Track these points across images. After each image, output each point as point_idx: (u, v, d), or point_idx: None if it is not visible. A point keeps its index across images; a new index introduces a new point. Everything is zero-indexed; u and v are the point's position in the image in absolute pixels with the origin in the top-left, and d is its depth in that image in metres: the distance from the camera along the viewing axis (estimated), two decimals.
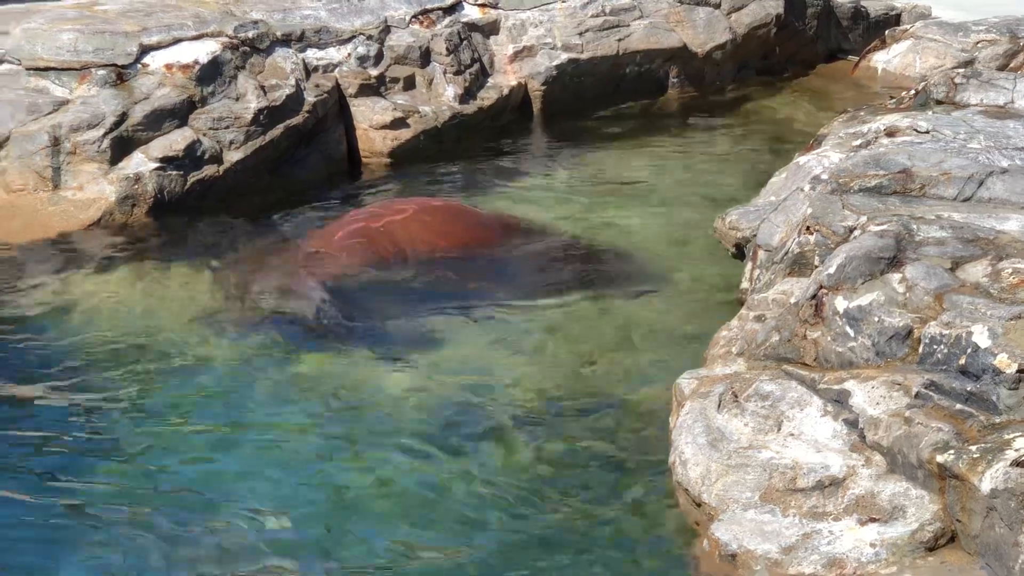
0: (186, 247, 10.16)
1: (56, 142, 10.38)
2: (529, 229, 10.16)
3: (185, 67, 10.97)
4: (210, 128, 10.80)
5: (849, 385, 6.38)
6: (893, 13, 14.64)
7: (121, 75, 10.85)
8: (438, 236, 9.77)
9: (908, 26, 13.74)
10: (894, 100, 9.92)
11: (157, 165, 10.47)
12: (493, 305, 9.01)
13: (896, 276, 6.70)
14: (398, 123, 11.83)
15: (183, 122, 10.79)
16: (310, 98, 11.42)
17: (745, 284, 8.34)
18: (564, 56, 12.85)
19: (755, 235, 8.34)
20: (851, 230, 7.34)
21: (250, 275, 9.56)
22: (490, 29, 12.80)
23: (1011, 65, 11.05)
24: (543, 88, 12.77)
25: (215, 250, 10.13)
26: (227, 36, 11.34)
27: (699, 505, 6.39)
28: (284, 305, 9.10)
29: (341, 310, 8.98)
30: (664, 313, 8.91)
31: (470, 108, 12.27)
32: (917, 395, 6.12)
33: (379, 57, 12.05)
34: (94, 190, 10.35)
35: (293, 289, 9.22)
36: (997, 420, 5.91)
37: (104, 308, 9.18)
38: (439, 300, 9.09)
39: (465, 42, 12.44)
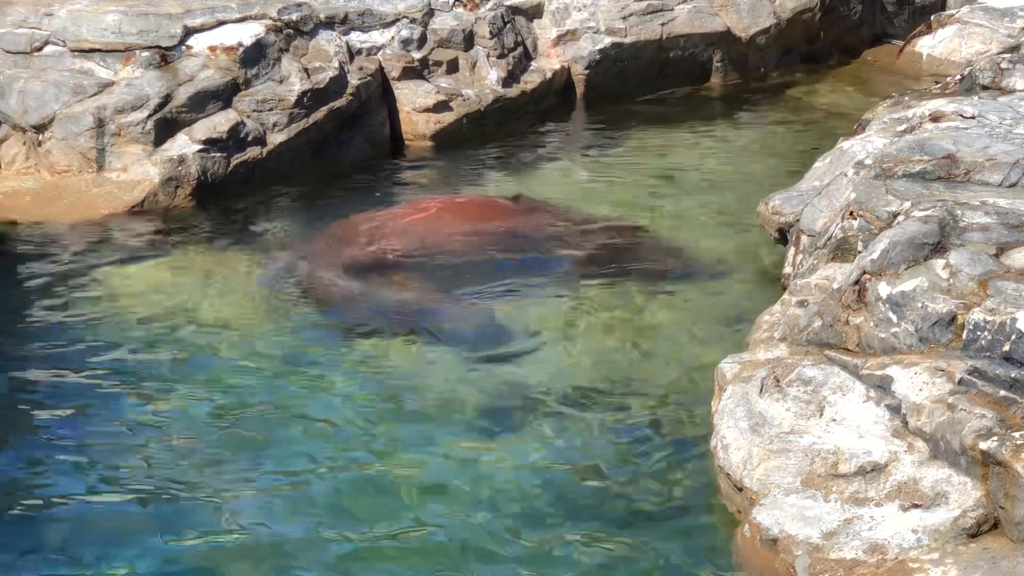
0: (229, 229, 10.20)
1: (101, 123, 10.43)
2: (566, 215, 10.12)
3: (229, 49, 11.00)
4: (254, 110, 10.83)
5: (892, 371, 6.36)
6: None
7: (165, 57, 10.88)
8: (464, 229, 9.74)
9: (954, 11, 13.66)
10: (939, 85, 9.87)
11: (201, 147, 10.50)
12: (530, 290, 9.00)
13: (940, 262, 6.67)
14: (441, 106, 11.84)
15: (227, 104, 10.82)
16: (353, 81, 11.44)
17: (788, 269, 8.31)
18: (607, 40, 12.83)
19: (798, 220, 8.31)
20: (895, 215, 7.31)
21: (293, 259, 9.58)
22: (533, 12, 12.78)
23: None
24: (586, 72, 12.76)
25: (257, 233, 10.17)
26: (271, 18, 11.36)
27: (740, 490, 6.38)
28: (323, 291, 9.12)
29: (377, 297, 8.99)
30: (706, 297, 8.90)
31: (513, 92, 12.27)
32: (960, 381, 6.10)
33: (422, 40, 12.05)
34: (138, 172, 10.39)
35: (331, 275, 9.23)
36: None
37: (146, 290, 9.22)
38: (478, 286, 9.08)
39: (508, 25, 12.43)
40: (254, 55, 11.07)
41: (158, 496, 6.86)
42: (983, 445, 5.76)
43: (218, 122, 10.67)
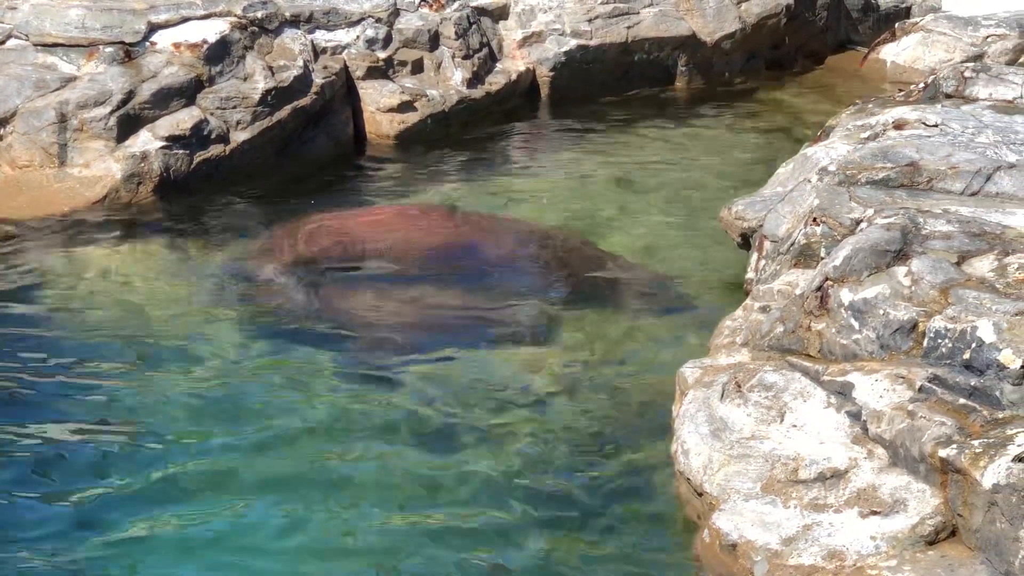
0: (190, 227, 10.16)
1: (63, 118, 10.38)
2: (528, 226, 10.08)
3: (193, 46, 10.96)
4: (217, 108, 10.79)
5: (853, 377, 6.37)
6: (903, 6, 14.62)
7: (129, 53, 10.83)
8: (412, 238, 9.70)
9: (918, 19, 13.72)
10: (903, 93, 9.89)
11: (163, 144, 10.46)
12: (479, 300, 8.97)
13: (902, 269, 6.70)
14: (405, 106, 11.82)
15: (190, 101, 10.78)
16: (318, 80, 11.41)
17: (750, 274, 8.33)
18: (573, 42, 12.83)
19: (761, 225, 8.33)
20: (857, 222, 7.34)
21: (249, 257, 9.57)
22: (499, 14, 12.78)
23: (1020, 60, 11.05)
24: (551, 74, 12.75)
25: (218, 231, 10.13)
26: (236, 16, 11.33)
27: (700, 495, 6.38)
28: (273, 290, 9.09)
29: (321, 298, 8.97)
30: (668, 302, 8.90)
31: (478, 93, 12.26)
32: (920, 389, 6.12)
33: (388, 40, 12.03)
34: (100, 167, 10.34)
35: (272, 274, 9.22)
36: (1000, 415, 5.91)
37: (106, 286, 9.20)
38: (422, 294, 9.04)
39: (474, 26, 12.42)
40: (218, 52, 11.03)
41: (114, 480, 6.91)
42: (942, 453, 5.78)
43: (181, 119, 10.63)
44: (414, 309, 8.79)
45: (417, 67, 12.12)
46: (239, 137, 10.83)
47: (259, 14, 11.44)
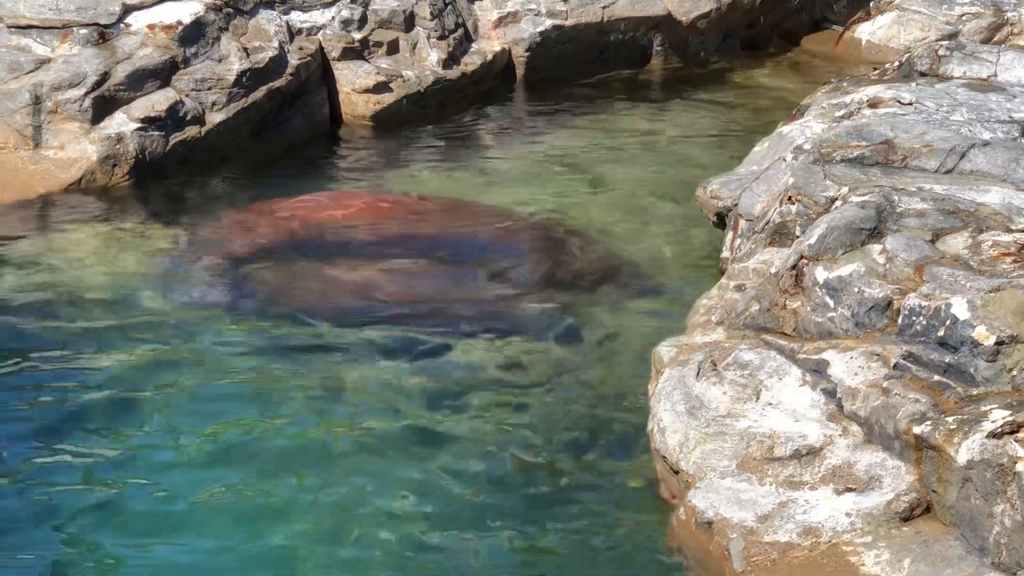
0: (165, 208, 10.14)
1: (37, 100, 10.34)
2: (500, 211, 10.04)
3: (168, 27, 10.92)
4: (192, 89, 10.76)
5: (828, 355, 6.39)
6: None
7: (103, 34, 10.79)
8: (382, 231, 9.66)
9: None
10: (877, 71, 9.91)
11: (139, 125, 10.43)
12: (451, 286, 8.94)
13: (877, 247, 6.71)
14: (381, 87, 11.80)
15: (165, 83, 10.74)
16: (293, 61, 11.38)
17: (726, 253, 8.34)
18: (548, 22, 12.81)
19: (736, 204, 8.34)
20: (832, 200, 7.35)
21: (223, 238, 9.56)
22: None
23: (995, 38, 11.06)
24: (527, 54, 12.74)
25: (193, 212, 10.11)
26: None
27: (676, 472, 6.40)
28: (245, 271, 9.08)
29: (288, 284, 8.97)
30: (643, 281, 8.91)
31: (453, 73, 12.24)
32: (895, 366, 6.14)
33: (363, 21, 12.00)
34: (75, 150, 10.31)
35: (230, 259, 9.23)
36: (974, 392, 5.93)
37: (80, 269, 9.17)
38: (393, 285, 9.02)
39: (449, 7, 12.39)
40: (193, 34, 11.00)
41: (93, 456, 6.93)
42: (917, 429, 5.80)
43: (156, 100, 10.60)
44: (377, 297, 8.77)
45: (393, 48, 12.10)
46: (214, 119, 10.80)
47: None
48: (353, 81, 11.78)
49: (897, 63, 9.66)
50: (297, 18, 11.74)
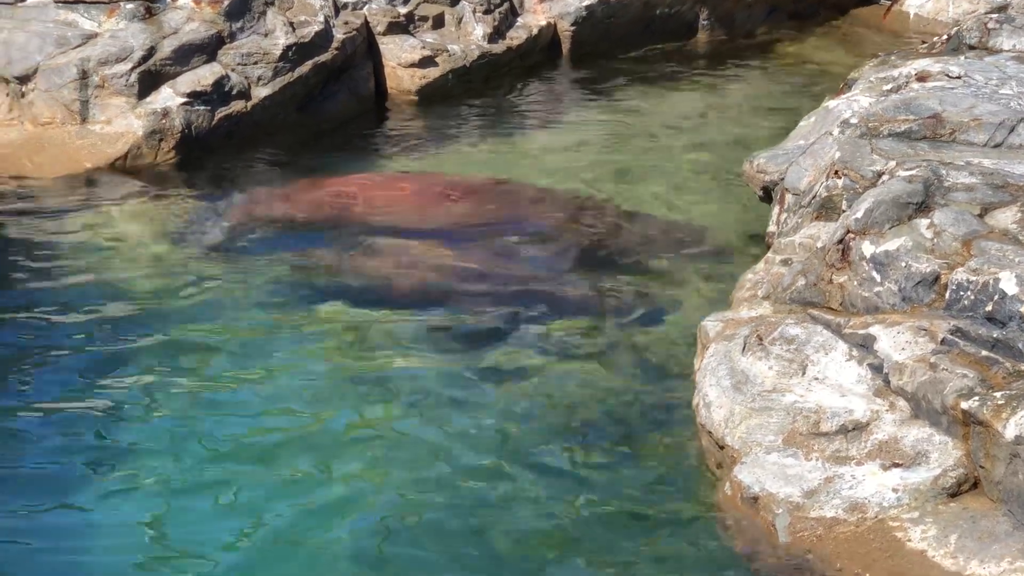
0: (211, 183, 10.17)
1: (84, 75, 10.38)
2: (547, 188, 10.01)
3: (214, 2, 10.94)
4: (238, 64, 10.78)
5: (874, 330, 6.36)
6: None
7: (150, 9, 10.82)
8: (433, 211, 9.65)
9: None
10: (926, 45, 9.85)
11: (185, 100, 10.46)
12: (501, 261, 8.95)
13: (924, 221, 6.67)
14: (426, 61, 11.80)
15: (211, 57, 10.77)
16: (339, 35, 11.39)
17: (772, 227, 8.31)
18: None
19: (783, 178, 8.30)
20: (879, 175, 7.31)
21: (271, 212, 9.58)
22: None
23: None
24: (572, 28, 12.72)
25: (239, 186, 10.14)
26: None
27: (722, 447, 6.39)
28: (293, 247, 9.11)
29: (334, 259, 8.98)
30: (689, 255, 8.89)
31: (499, 48, 12.23)
32: (943, 341, 6.11)
33: None
34: (122, 124, 10.35)
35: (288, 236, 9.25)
36: (1022, 367, 5.90)
37: (126, 243, 9.22)
38: (437, 261, 9.02)
39: None
40: (239, 8, 11.01)
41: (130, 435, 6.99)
42: (964, 405, 5.77)
43: (202, 75, 10.62)
44: (428, 274, 8.77)
45: (438, 22, 12.10)
46: (260, 93, 10.82)
47: None
48: (399, 55, 11.78)
49: (946, 36, 9.59)
50: None
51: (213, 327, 8.10)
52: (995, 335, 6.03)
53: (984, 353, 6.01)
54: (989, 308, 6.11)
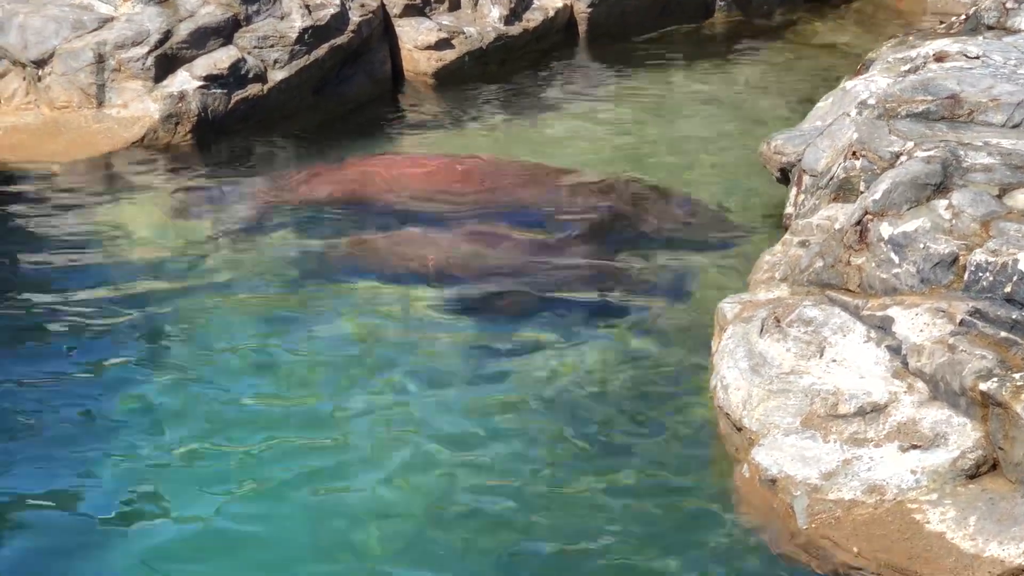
0: (228, 166, 10.18)
1: (101, 59, 10.38)
2: (568, 169, 9.98)
3: None
4: (255, 47, 10.77)
5: (893, 312, 6.35)
6: None
7: None
8: (455, 192, 9.62)
9: None
10: (944, 25, 9.81)
11: (201, 83, 10.45)
12: (521, 242, 8.94)
13: (942, 202, 6.65)
14: (443, 44, 11.78)
15: (228, 41, 10.76)
16: (355, 18, 11.37)
17: (789, 209, 8.29)
18: None
19: (800, 160, 8.28)
20: (897, 156, 7.29)
21: (292, 194, 9.58)
22: None
23: None
24: (589, 10, 12.68)
25: (256, 169, 10.15)
26: None
27: (740, 430, 6.38)
28: (314, 228, 9.11)
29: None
30: (707, 237, 8.88)
31: (515, 30, 12.20)
32: (961, 322, 6.09)
33: None
34: (138, 108, 10.35)
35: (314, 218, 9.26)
36: None
37: (143, 226, 9.23)
38: (459, 241, 9.02)
39: None
40: None
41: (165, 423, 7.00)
42: (983, 386, 5.76)
43: (219, 58, 10.62)
44: (450, 254, 8.76)
45: (454, 4, 12.08)
46: (276, 76, 10.81)
47: None
48: (415, 38, 11.76)
49: (964, 16, 9.55)
50: None
51: (236, 305, 8.16)
52: (1014, 316, 6.02)
53: (1003, 334, 5.99)
54: (1008, 289, 6.10)
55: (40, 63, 10.46)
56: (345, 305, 8.14)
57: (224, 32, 10.75)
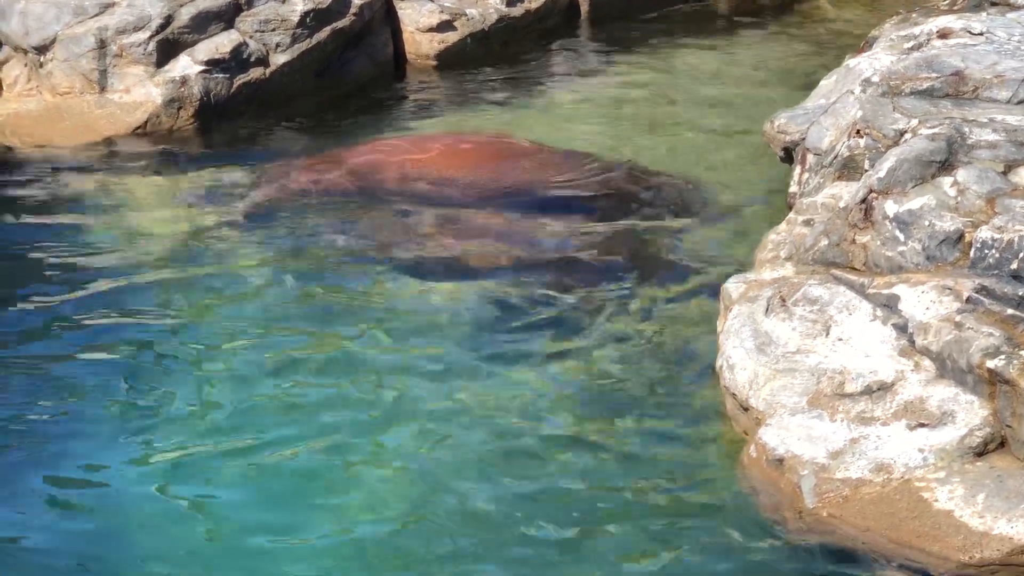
0: (231, 151, 10.17)
1: (102, 44, 10.36)
2: (573, 151, 9.97)
3: None
4: (256, 31, 10.74)
5: (899, 290, 6.34)
6: None
7: None
8: (461, 176, 9.59)
9: None
10: (947, 2, 9.77)
11: (203, 68, 10.43)
12: (522, 225, 8.93)
13: (947, 180, 6.64)
14: (445, 26, 11.75)
15: (229, 25, 10.74)
16: (357, 0, 11.34)
17: (794, 188, 8.27)
18: None
19: (804, 138, 8.26)
20: (902, 133, 7.27)
21: (288, 181, 9.58)
22: None
23: None
24: None
25: (259, 154, 10.13)
26: None
27: (746, 410, 6.38)
28: (318, 215, 9.10)
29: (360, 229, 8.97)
30: (711, 217, 8.87)
31: (517, 11, 12.16)
32: (968, 300, 6.08)
33: None
34: (140, 93, 10.34)
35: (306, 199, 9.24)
36: None
37: (147, 211, 9.23)
38: (460, 225, 9.02)
39: None
40: None
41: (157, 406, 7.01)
42: (990, 363, 5.75)
43: (220, 43, 10.60)
44: (458, 239, 8.76)
45: None
46: (278, 60, 10.79)
47: None
48: (417, 20, 11.73)
49: None
50: None
51: (242, 292, 8.15)
52: (1021, 293, 6.01)
53: (1010, 311, 5.98)
54: (1014, 266, 6.09)
55: (42, 49, 10.45)
56: (356, 292, 8.13)
57: (225, 16, 10.73)
